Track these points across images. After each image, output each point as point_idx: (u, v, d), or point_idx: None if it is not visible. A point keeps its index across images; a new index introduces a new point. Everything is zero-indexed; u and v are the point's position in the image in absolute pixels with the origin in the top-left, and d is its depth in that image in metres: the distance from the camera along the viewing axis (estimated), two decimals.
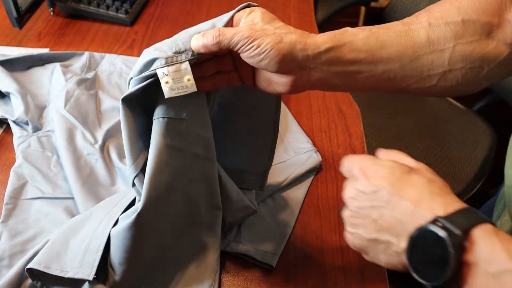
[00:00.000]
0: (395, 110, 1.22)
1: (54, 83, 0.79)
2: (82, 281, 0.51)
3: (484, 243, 0.33)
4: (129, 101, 0.47)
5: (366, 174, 0.40)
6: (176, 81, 0.45)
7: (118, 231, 0.50)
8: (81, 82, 0.78)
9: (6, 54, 0.82)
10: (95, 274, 0.50)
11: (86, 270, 0.50)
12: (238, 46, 0.45)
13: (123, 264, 0.52)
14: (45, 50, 0.87)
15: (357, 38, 0.46)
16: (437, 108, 1.25)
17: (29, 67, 0.82)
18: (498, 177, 0.68)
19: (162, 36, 0.95)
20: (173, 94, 0.45)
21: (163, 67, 0.44)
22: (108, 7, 0.97)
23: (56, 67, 0.81)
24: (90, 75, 0.81)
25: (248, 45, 0.44)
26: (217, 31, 0.45)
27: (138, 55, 0.89)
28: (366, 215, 0.40)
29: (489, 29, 0.47)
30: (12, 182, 0.64)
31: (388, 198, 0.38)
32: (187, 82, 0.45)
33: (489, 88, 1.25)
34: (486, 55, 0.47)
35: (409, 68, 0.47)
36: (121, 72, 0.85)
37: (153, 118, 0.48)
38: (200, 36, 0.45)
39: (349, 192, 0.42)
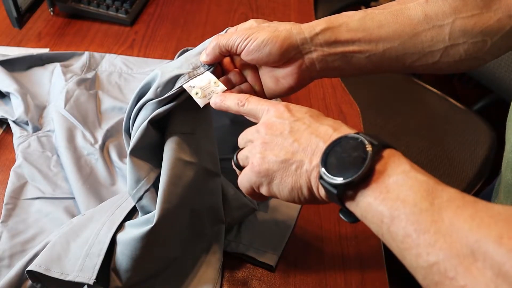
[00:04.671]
0: (395, 110, 1.22)
1: (54, 83, 0.79)
2: (82, 285, 0.51)
3: (394, 157, 0.35)
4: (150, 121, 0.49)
5: (290, 109, 0.43)
6: (205, 89, 0.48)
7: (128, 240, 0.51)
8: (81, 82, 0.78)
9: (6, 54, 0.82)
10: (96, 278, 0.50)
11: (87, 274, 0.50)
12: (236, 44, 0.47)
13: (129, 271, 0.52)
14: (45, 50, 0.87)
15: (352, 19, 0.47)
16: (437, 108, 1.25)
17: (29, 67, 0.82)
18: (497, 176, 0.68)
19: (162, 36, 0.95)
20: (207, 101, 0.48)
21: (188, 81, 0.48)
22: (108, 7, 0.97)
23: (56, 67, 0.81)
24: (90, 75, 0.81)
25: (245, 41, 0.46)
26: (215, 36, 0.49)
27: (138, 55, 0.90)
28: (283, 139, 0.41)
29: (490, 1, 0.46)
30: (12, 182, 0.64)
31: (310, 124, 0.41)
32: (214, 85, 0.48)
33: (489, 88, 1.26)
34: (488, 29, 0.46)
35: (410, 45, 0.47)
36: (121, 72, 0.85)
37: (166, 133, 0.50)
38: (204, 51, 0.50)
39: (267, 120, 0.42)
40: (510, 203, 0.53)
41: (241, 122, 0.60)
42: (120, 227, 0.53)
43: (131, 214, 0.56)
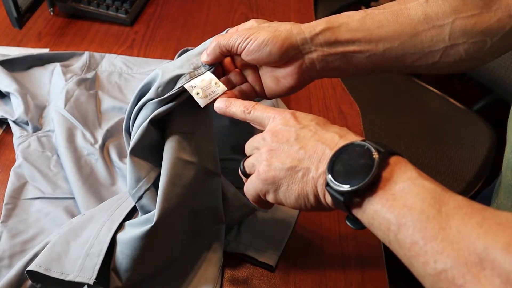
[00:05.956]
0: (395, 110, 1.22)
1: (54, 83, 0.79)
2: (83, 285, 0.51)
3: (400, 164, 0.35)
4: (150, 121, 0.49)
5: (296, 116, 0.43)
6: (206, 89, 0.48)
7: (128, 239, 0.51)
8: (81, 82, 0.78)
9: (6, 54, 0.82)
10: (96, 278, 0.50)
11: (87, 274, 0.50)
12: (236, 44, 0.47)
13: (129, 271, 0.52)
14: (45, 50, 0.87)
15: (352, 19, 0.47)
16: (437, 108, 1.25)
17: (29, 67, 0.82)
18: (497, 177, 0.68)
19: (162, 36, 0.95)
20: (208, 101, 0.48)
21: (189, 81, 0.48)
22: (108, 7, 0.97)
23: (56, 67, 0.81)
24: (90, 75, 0.81)
25: (245, 40, 0.46)
26: (216, 36, 0.49)
27: (138, 55, 0.90)
28: (290, 146, 0.40)
29: (490, 1, 0.46)
30: (12, 182, 0.64)
31: (316, 131, 0.41)
32: (215, 86, 0.48)
33: (489, 88, 1.26)
34: (488, 29, 0.46)
35: (410, 46, 0.47)
36: (121, 72, 0.85)
37: (166, 133, 0.50)
38: (205, 51, 0.49)
39: (273, 127, 0.42)
40: (510, 204, 0.53)
41: (241, 123, 0.61)
42: (120, 226, 0.53)
43: (131, 213, 0.56)
